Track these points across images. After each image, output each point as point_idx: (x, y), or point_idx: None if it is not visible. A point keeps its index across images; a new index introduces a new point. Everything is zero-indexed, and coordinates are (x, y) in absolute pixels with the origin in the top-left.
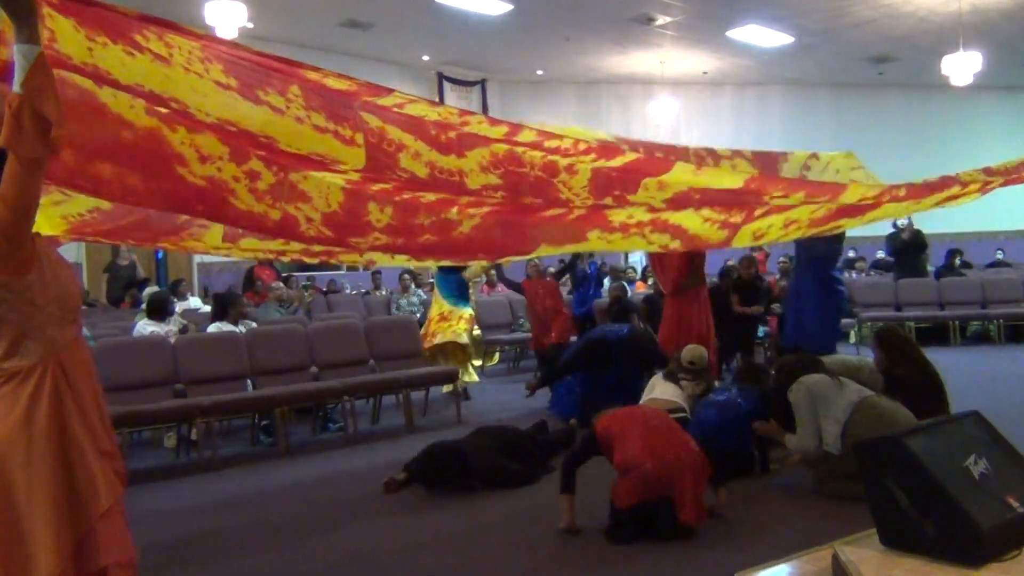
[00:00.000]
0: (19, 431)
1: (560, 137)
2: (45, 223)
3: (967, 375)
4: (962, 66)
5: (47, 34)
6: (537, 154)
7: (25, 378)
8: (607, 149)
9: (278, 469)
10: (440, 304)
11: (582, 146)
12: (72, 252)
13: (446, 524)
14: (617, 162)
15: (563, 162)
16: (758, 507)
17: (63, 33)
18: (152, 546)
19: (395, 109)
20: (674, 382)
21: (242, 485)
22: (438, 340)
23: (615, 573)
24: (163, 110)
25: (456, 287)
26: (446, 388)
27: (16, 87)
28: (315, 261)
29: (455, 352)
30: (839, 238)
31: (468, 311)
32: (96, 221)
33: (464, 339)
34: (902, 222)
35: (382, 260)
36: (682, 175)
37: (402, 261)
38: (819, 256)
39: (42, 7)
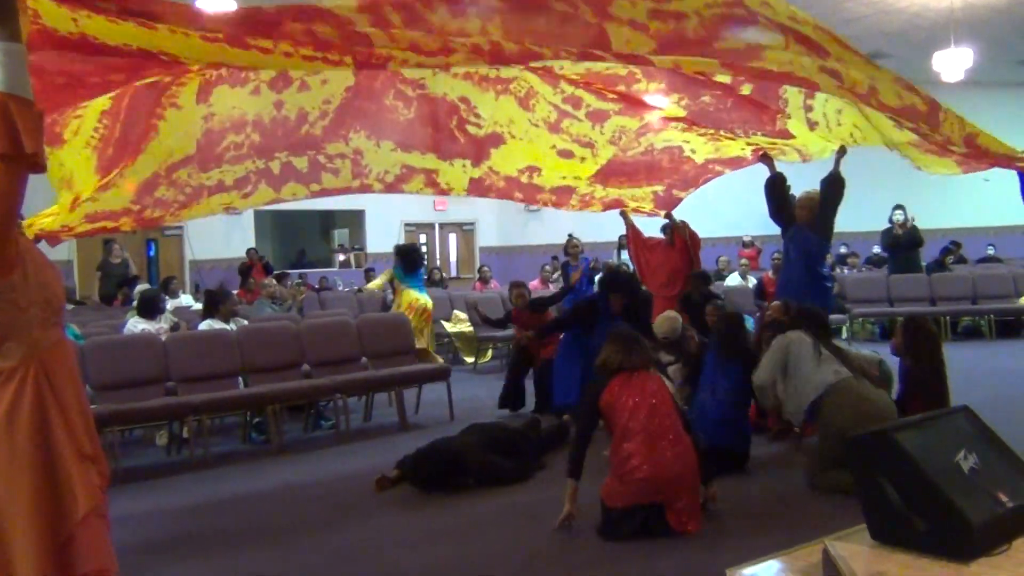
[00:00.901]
0: (0, 438)
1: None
2: (81, 169)
3: (958, 370)
4: (953, 62)
5: (31, 13)
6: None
7: (6, 380)
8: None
9: (270, 467)
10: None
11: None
12: (63, 250)
13: (438, 521)
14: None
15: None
16: (750, 504)
17: (46, 11)
18: (144, 545)
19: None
20: (661, 372)
21: (234, 483)
22: None
23: (608, 570)
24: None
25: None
26: None
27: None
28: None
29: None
30: (828, 233)
31: (421, 298)
32: (109, 129)
33: None
34: (898, 217)
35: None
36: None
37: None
38: (807, 251)
39: None
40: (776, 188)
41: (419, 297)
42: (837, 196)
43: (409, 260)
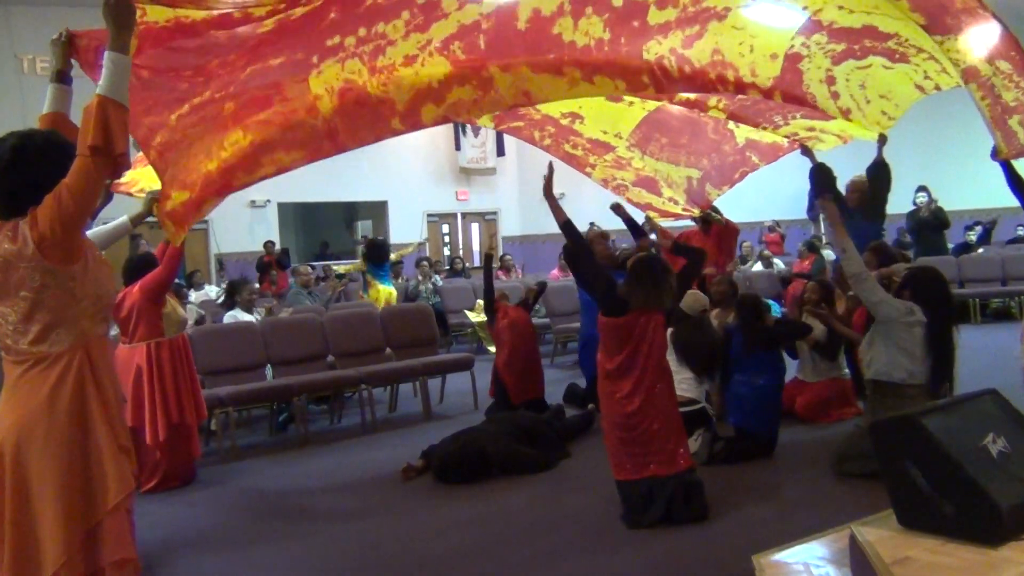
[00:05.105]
0: (39, 417)
1: None
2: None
3: (987, 353)
4: (979, 38)
5: (139, 13)
6: None
7: (52, 364)
8: None
9: (297, 458)
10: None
11: None
12: None
13: (464, 510)
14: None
15: None
16: (776, 489)
17: (152, 11)
18: (171, 537)
19: None
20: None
21: (261, 475)
22: None
23: (633, 556)
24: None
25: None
26: None
27: (99, 89)
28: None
29: None
30: (880, 218)
31: (386, 289)
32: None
33: None
34: (922, 199)
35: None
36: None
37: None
38: (861, 237)
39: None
40: (823, 177)
41: (391, 291)
42: (885, 181)
43: (377, 253)
